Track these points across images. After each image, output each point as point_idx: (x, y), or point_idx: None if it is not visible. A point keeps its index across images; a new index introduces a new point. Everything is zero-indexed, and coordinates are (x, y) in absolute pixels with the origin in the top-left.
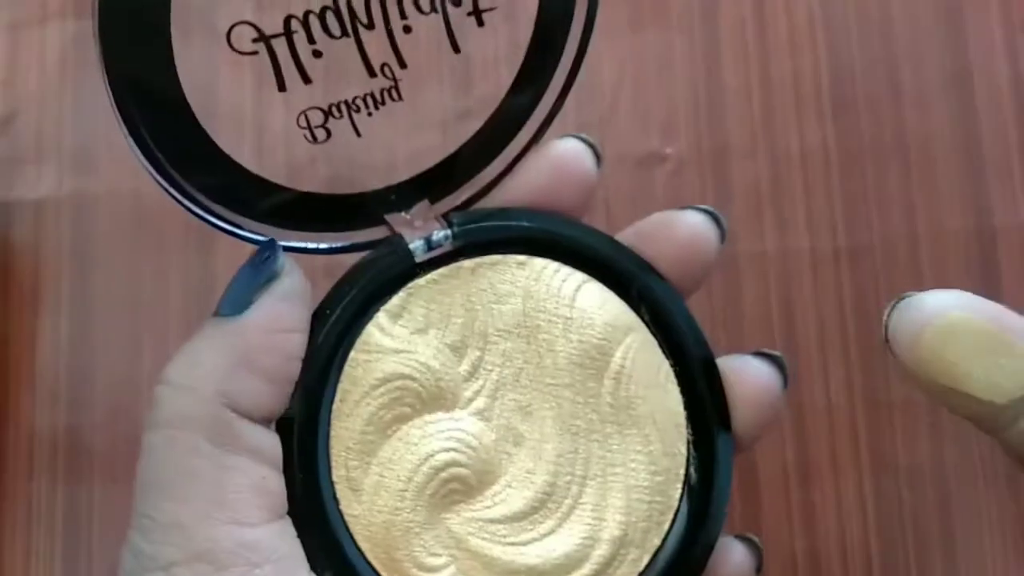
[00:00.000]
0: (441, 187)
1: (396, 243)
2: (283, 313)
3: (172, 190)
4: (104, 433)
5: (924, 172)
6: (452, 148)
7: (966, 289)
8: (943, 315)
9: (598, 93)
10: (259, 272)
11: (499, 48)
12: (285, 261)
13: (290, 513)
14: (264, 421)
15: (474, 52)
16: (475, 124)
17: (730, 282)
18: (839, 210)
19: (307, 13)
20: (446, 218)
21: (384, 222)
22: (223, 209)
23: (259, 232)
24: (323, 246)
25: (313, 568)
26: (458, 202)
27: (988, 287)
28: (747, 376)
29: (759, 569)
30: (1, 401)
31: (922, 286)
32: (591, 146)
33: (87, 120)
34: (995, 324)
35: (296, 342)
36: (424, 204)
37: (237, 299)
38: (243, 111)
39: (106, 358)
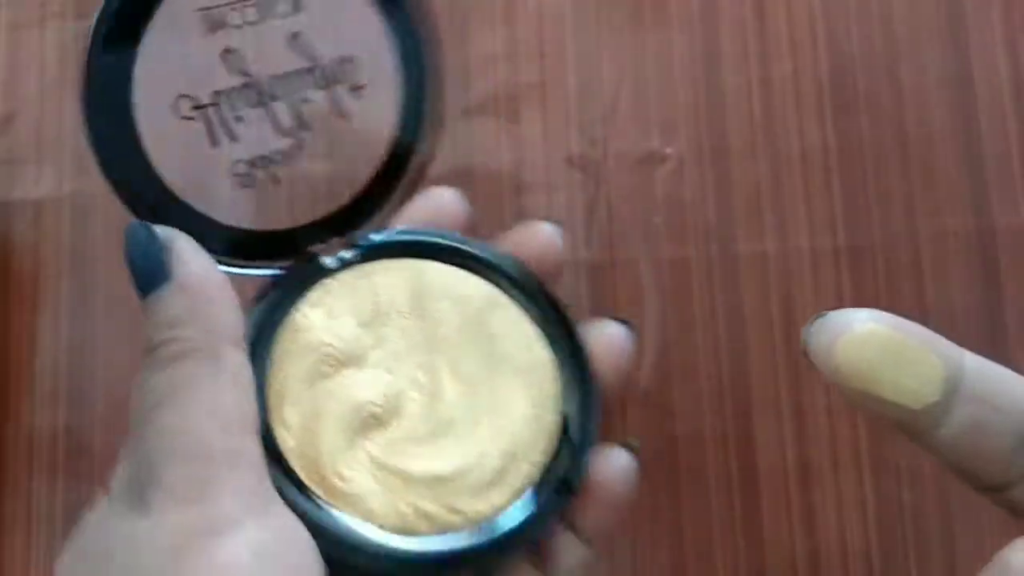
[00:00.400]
0: (348, 221)
1: (314, 261)
2: (200, 259)
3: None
4: (104, 432)
5: (924, 171)
6: (353, 194)
7: (966, 289)
8: (856, 327)
9: (598, 93)
10: (153, 251)
11: (380, 113)
12: (157, 227)
13: None
14: (240, 342)
15: (359, 117)
16: (368, 173)
17: (730, 282)
18: (839, 210)
19: (231, 88)
20: (353, 240)
21: (305, 252)
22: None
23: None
24: (259, 272)
25: None
26: (362, 231)
27: (988, 287)
28: (603, 336)
29: (638, 470)
30: (1, 400)
31: (922, 285)
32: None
33: None
34: (905, 334)
35: (220, 269)
36: (336, 239)
37: (154, 276)
38: (198, 164)
39: (106, 357)
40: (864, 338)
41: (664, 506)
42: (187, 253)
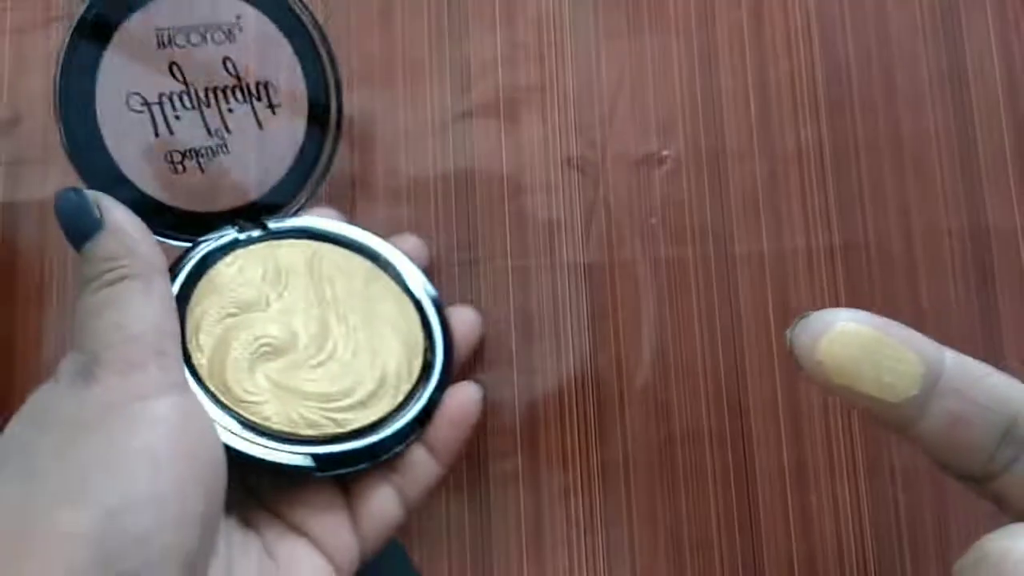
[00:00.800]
0: (262, 210)
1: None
2: (124, 210)
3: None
4: None
5: (918, 172)
6: (268, 187)
7: (960, 287)
8: (837, 326)
9: (597, 95)
10: (84, 207)
11: (291, 128)
12: (84, 190)
13: None
14: (165, 273)
15: (275, 129)
16: (280, 173)
17: (727, 281)
18: (834, 210)
19: (172, 92)
20: (264, 224)
21: (205, 231)
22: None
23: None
24: (183, 244)
25: None
26: (280, 219)
27: (981, 286)
28: (459, 314)
29: (482, 399)
30: (7, 400)
31: (917, 284)
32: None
33: None
34: (883, 332)
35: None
36: (249, 223)
37: (87, 228)
38: (142, 150)
39: None
40: (845, 336)
41: (662, 506)
42: (113, 205)
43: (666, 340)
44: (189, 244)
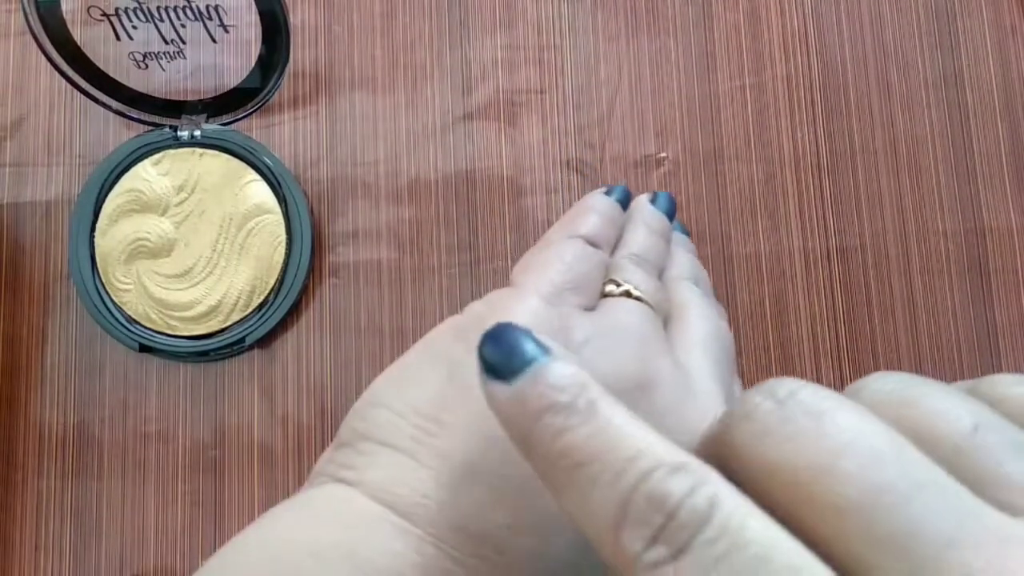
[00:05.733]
0: (214, 108)
1: (172, 128)
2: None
3: (96, 96)
4: (112, 428)
5: (914, 174)
6: (223, 90)
7: (955, 288)
8: None
9: (596, 98)
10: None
11: (240, 40)
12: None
13: None
14: None
15: (228, 43)
16: (233, 80)
17: (725, 281)
18: (830, 211)
19: (127, 7)
20: (216, 122)
21: (176, 116)
22: (115, 102)
23: (130, 111)
24: (148, 119)
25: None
26: (224, 121)
27: (977, 286)
28: None
29: None
30: (12, 397)
31: (912, 285)
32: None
33: (95, 122)
34: None
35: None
36: (201, 116)
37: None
38: (116, 55)
39: (114, 355)
40: None
41: None
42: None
43: None
44: (149, 120)
